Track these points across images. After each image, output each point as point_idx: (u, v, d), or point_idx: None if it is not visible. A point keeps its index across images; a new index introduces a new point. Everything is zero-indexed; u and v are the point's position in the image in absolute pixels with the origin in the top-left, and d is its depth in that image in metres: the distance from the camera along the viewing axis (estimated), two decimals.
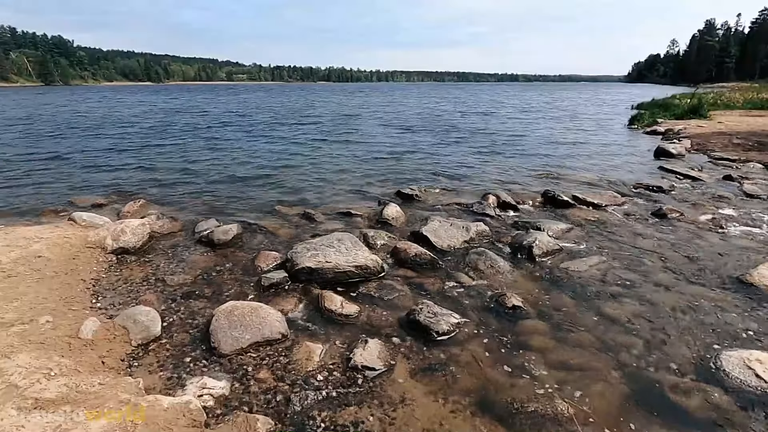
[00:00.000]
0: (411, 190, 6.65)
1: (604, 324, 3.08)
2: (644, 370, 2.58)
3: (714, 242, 4.72)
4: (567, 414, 2.17)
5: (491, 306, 3.32)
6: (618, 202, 6.16)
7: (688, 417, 2.24)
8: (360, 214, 5.63)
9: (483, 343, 2.84)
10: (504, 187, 6.99)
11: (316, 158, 9.80)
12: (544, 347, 2.79)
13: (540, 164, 9.29)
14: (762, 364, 2.56)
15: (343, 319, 3.12)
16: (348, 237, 4.28)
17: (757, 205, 6.18)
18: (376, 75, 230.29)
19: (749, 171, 8.38)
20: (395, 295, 3.50)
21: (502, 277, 3.82)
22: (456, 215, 5.64)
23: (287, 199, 6.43)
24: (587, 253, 4.37)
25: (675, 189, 7.00)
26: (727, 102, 21.45)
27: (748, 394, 2.39)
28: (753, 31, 78.41)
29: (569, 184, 7.46)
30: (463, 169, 8.68)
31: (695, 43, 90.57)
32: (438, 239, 4.58)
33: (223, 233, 4.63)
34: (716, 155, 9.87)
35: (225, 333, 2.77)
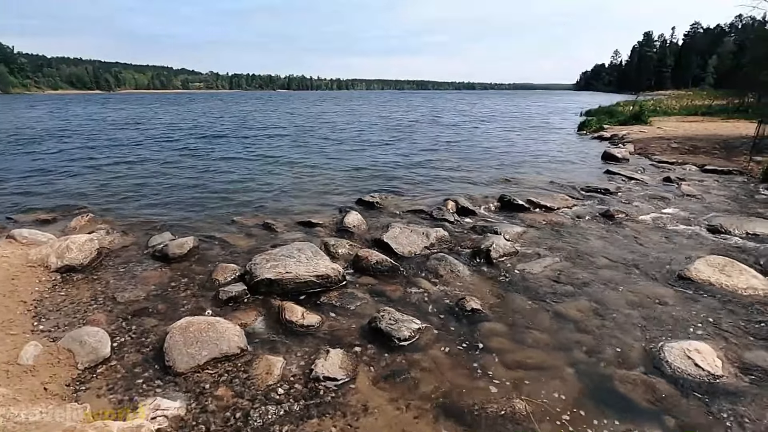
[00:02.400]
0: (372, 198, 6.68)
1: (558, 323, 3.21)
2: (595, 365, 2.71)
3: (656, 240, 5.03)
4: (525, 412, 2.24)
5: (451, 310, 3.38)
6: (569, 205, 6.45)
7: (636, 407, 2.36)
8: (321, 223, 5.60)
9: (444, 347, 2.89)
10: (463, 193, 7.16)
11: (276, 168, 9.66)
12: (503, 348, 2.87)
13: (497, 170, 9.58)
14: (700, 353, 2.75)
15: (305, 330, 3.09)
16: (308, 246, 4.24)
17: (693, 204, 6.65)
18: (336, 83, 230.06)
19: (686, 173, 9.00)
20: (357, 303, 3.50)
21: (462, 281, 3.90)
22: (416, 221, 5.72)
23: (246, 209, 6.29)
24: (542, 254, 4.54)
25: (621, 191, 7.41)
26: (665, 109, 23.02)
27: (688, 382, 2.55)
28: (686, 44, 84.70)
29: (524, 188, 7.74)
30: (423, 176, 8.81)
31: (636, 54, 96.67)
32: (399, 246, 4.62)
33: (178, 247, 4.47)
34: (656, 158, 10.55)
35: (180, 350, 2.67)
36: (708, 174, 8.92)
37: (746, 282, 3.77)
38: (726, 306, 3.45)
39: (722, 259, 4.13)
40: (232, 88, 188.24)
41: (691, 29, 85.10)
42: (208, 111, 32.28)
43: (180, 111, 32.23)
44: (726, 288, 3.71)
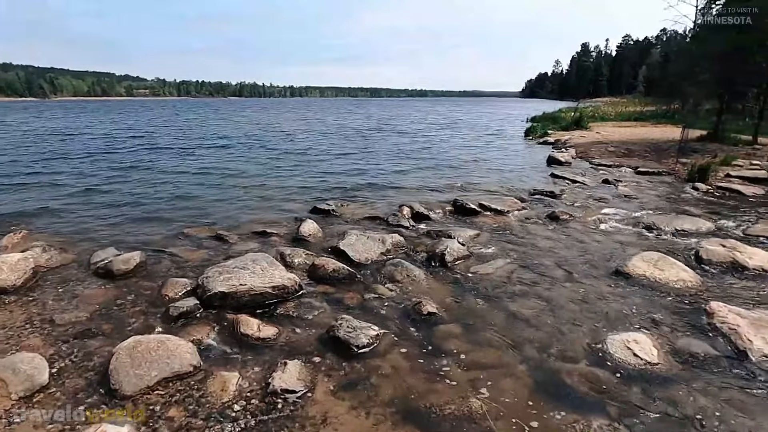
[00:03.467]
0: (327, 206, 6.65)
1: (510, 321, 3.34)
2: (545, 360, 2.85)
3: (598, 239, 5.36)
4: (481, 411, 2.31)
5: (409, 314, 3.43)
6: (518, 208, 6.73)
7: (583, 398, 2.50)
8: (276, 233, 5.50)
9: (402, 351, 2.93)
10: (417, 199, 7.28)
11: (227, 179, 9.38)
12: (459, 349, 2.96)
13: (449, 175, 9.83)
14: (638, 344, 2.96)
15: (261, 342, 3.02)
16: (263, 257, 4.17)
17: (629, 204, 7.15)
18: (289, 90, 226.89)
19: (622, 174, 9.66)
20: (315, 312, 3.48)
21: (418, 286, 3.97)
22: (373, 228, 5.76)
23: (197, 222, 6.07)
24: (493, 256, 4.71)
25: (565, 193, 7.83)
26: (603, 115, 24.60)
27: (628, 371, 2.74)
28: (618, 54, 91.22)
29: (476, 192, 7.99)
30: (378, 183, 8.88)
31: (575, 63, 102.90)
32: (355, 253, 4.64)
33: (124, 262, 4.24)
34: (596, 161, 11.25)
35: (127, 372, 2.53)
36: (641, 175, 9.62)
37: (676, 275, 4.09)
38: (660, 298, 3.73)
39: (655, 255, 4.46)
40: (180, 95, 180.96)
41: (623, 41, 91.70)
42: (153, 120, 30.88)
43: (123, 120, 30.62)
44: (659, 281, 4.01)
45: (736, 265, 4.36)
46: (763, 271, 4.27)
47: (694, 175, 8.85)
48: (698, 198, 7.69)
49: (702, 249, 4.65)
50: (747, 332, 3.06)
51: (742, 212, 6.69)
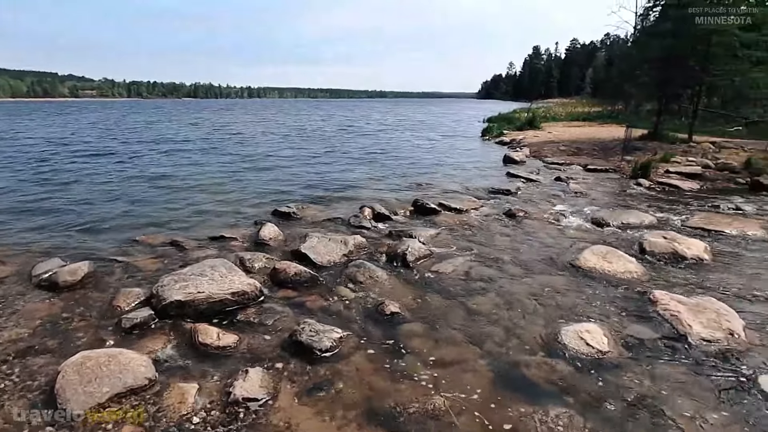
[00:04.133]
0: (288, 208, 6.56)
1: (470, 318, 3.42)
2: (504, 354, 2.94)
3: (551, 234, 5.59)
4: (444, 408, 2.36)
5: (372, 315, 3.44)
6: (477, 206, 6.91)
7: (540, 389, 2.60)
8: (235, 237, 5.37)
9: (366, 353, 2.93)
10: (379, 199, 7.32)
11: (182, 182, 9.05)
12: (422, 348, 3.00)
13: (410, 175, 9.94)
14: (590, 333, 3.11)
15: (221, 351, 2.94)
16: (222, 263, 4.05)
17: (580, 200, 7.51)
18: (247, 91, 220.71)
19: (573, 172, 10.13)
20: (276, 317, 3.42)
21: (381, 286, 3.99)
22: (334, 230, 5.73)
23: (151, 229, 5.81)
24: (453, 254, 4.81)
25: (520, 191, 8.12)
26: (554, 115, 25.66)
27: (582, 360, 2.87)
28: (567, 57, 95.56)
29: (436, 192, 8.13)
30: (339, 184, 8.85)
31: (527, 66, 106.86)
32: (317, 255, 4.60)
33: (70, 273, 4.00)
34: (549, 160, 11.74)
35: (75, 390, 2.39)
36: (590, 173, 10.13)
37: (623, 266, 4.34)
38: (609, 289, 3.94)
39: (604, 248, 4.71)
40: (130, 96, 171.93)
41: (571, 45, 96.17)
42: (99, 122, 29.27)
43: (66, 122, 28.83)
44: (608, 273, 4.24)
45: (676, 255, 4.68)
46: (700, 260, 4.61)
47: (637, 171, 9.42)
48: (642, 193, 8.19)
49: (645, 241, 4.95)
50: (687, 318, 3.29)
51: (680, 206, 7.19)
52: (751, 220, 6.19)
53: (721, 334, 3.11)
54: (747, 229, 5.66)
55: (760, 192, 8.23)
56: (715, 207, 7.10)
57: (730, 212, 6.80)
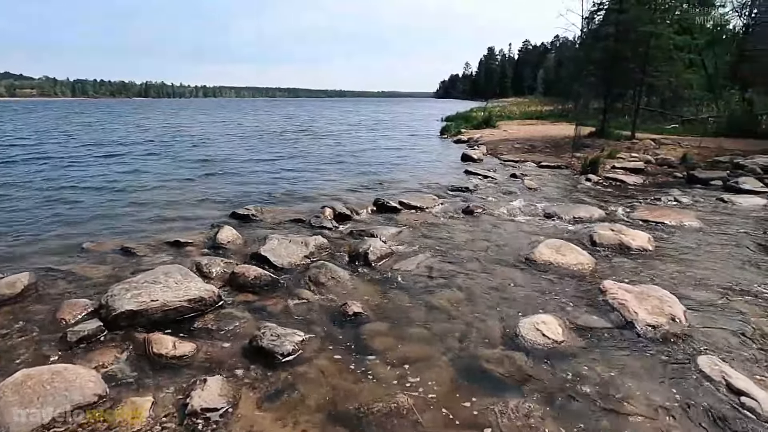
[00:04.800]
0: (246, 210, 6.40)
1: (432, 315, 3.47)
2: (466, 349, 3.00)
3: (509, 229, 5.77)
4: (408, 406, 2.38)
5: (334, 317, 3.42)
6: (436, 204, 7.02)
7: (500, 381, 2.67)
8: (191, 242, 5.17)
9: (329, 355, 2.91)
10: (339, 199, 7.28)
11: (133, 185, 8.61)
12: (385, 347, 3.01)
13: (371, 174, 9.96)
14: (546, 324, 3.23)
15: (177, 361, 2.83)
16: (177, 269, 3.90)
17: (534, 196, 7.79)
18: (202, 90, 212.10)
19: (527, 169, 10.49)
20: (236, 323, 3.33)
21: (343, 287, 3.98)
22: (295, 231, 5.65)
23: (99, 235, 5.49)
24: (415, 252, 4.86)
25: (478, 188, 8.32)
26: (509, 114, 26.45)
27: (539, 351, 2.98)
28: (520, 58, 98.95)
29: (397, 190, 8.18)
30: (298, 185, 8.73)
31: (482, 66, 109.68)
32: (278, 258, 4.52)
33: (8, 286, 3.72)
34: (504, 158, 12.10)
35: (15, 412, 2.22)
36: (543, 169, 10.54)
37: (576, 259, 4.54)
38: (563, 281, 4.11)
39: (558, 242, 4.91)
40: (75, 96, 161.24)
41: (523, 46, 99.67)
42: (38, 123, 27.35)
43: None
44: (562, 265, 4.42)
45: (623, 246, 4.95)
46: (644, 250, 4.90)
47: (586, 167, 9.89)
48: (591, 188, 8.60)
49: (595, 234, 5.21)
50: (633, 305, 3.48)
51: (625, 199, 7.61)
52: (687, 211, 6.64)
53: (664, 319, 3.32)
54: (684, 220, 6.07)
55: (694, 185, 8.86)
56: (657, 200, 7.57)
57: (670, 204, 7.28)
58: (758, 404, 2.39)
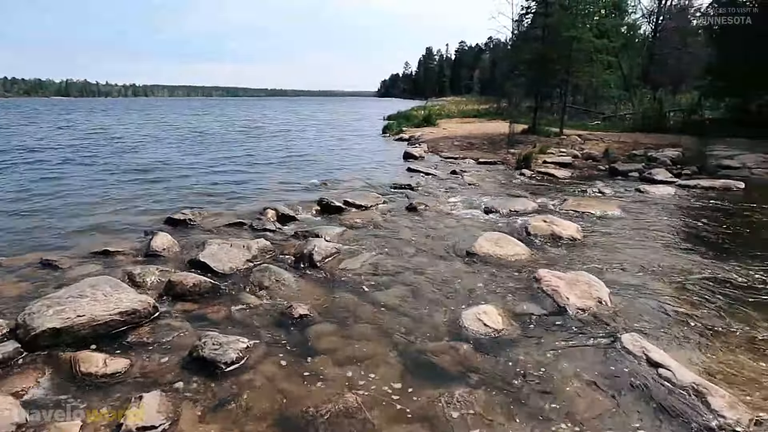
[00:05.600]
0: (183, 215, 6.08)
1: (380, 312, 3.51)
2: (413, 343, 3.07)
3: (451, 224, 5.96)
4: (356, 404, 2.38)
5: (280, 320, 3.36)
6: (380, 202, 7.09)
7: (447, 372, 2.76)
8: (121, 251, 4.84)
9: (276, 360, 2.85)
10: (282, 201, 7.14)
11: (55, 193, 7.88)
12: (333, 347, 3.00)
13: (314, 174, 9.85)
14: (487, 314, 3.37)
15: (109, 379, 2.64)
16: (106, 280, 3.64)
17: (474, 191, 8.10)
18: (131, 89, 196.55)
19: (466, 166, 10.89)
20: (174, 334, 3.16)
21: (288, 289, 3.91)
22: (236, 235, 5.47)
23: (15, 247, 4.99)
24: (360, 251, 4.88)
25: (420, 185, 8.50)
26: (448, 113, 27.19)
27: (481, 340, 3.11)
28: (457, 58, 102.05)
29: (341, 190, 8.17)
30: (239, 187, 8.45)
31: (422, 65, 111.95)
32: (218, 263, 4.35)
33: None
34: (445, 155, 12.46)
35: None
36: (481, 165, 10.98)
37: (513, 250, 4.78)
38: (501, 272, 4.31)
39: (496, 234, 5.14)
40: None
41: (460, 46, 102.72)
42: None
43: None
44: (500, 257, 4.64)
45: (554, 236, 5.28)
46: (573, 239, 5.26)
47: (521, 163, 10.44)
48: (525, 182, 9.09)
49: (530, 225, 5.51)
50: (565, 291, 3.73)
51: (556, 192, 8.13)
52: (610, 201, 7.22)
53: (592, 303, 3.59)
54: (608, 210, 6.59)
55: (616, 177, 9.66)
56: (583, 191, 8.16)
57: (595, 195, 7.88)
58: (672, 374, 2.65)
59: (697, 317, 3.42)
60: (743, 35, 12.45)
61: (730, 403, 2.37)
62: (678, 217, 6.50)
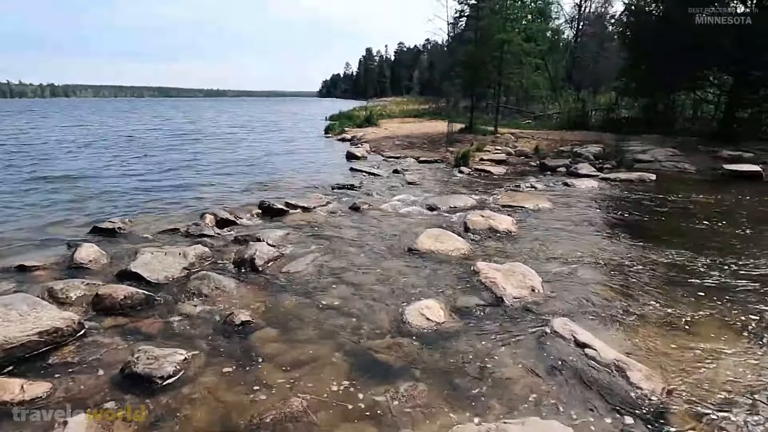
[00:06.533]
0: (112, 224, 5.68)
1: (324, 313, 3.50)
2: (358, 342, 3.09)
3: (393, 223, 6.05)
4: (302, 408, 2.36)
5: (221, 328, 3.25)
6: (323, 203, 7.04)
7: (392, 368, 2.81)
8: (40, 266, 4.43)
9: (217, 370, 2.75)
10: (222, 205, 6.89)
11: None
12: (277, 352, 2.95)
13: (255, 176, 9.59)
14: (429, 309, 3.47)
15: (29, 406, 2.41)
16: (22, 298, 3.32)
17: (415, 189, 8.27)
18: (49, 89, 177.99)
19: (408, 164, 11.10)
20: (103, 351, 2.96)
21: (229, 296, 3.79)
22: (171, 242, 5.21)
23: None
24: (303, 253, 4.83)
25: (363, 185, 8.56)
26: (389, 113, 27.51)
27: (424, 334, 3.20)
28: (396, 59, 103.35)
29: (283, 192, 8.03)
30: (174, 193, 8.02)
31: (362, 66, 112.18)
32: (152, 273, 4.12)
33: None
34: (387, 154, 12.61)
35: None
36: (422, 164, 11.25)
37: (453, 245, 4.95)
38: (443, 267, 4.45)
39: (437, 231, 5.29)
40: None
41: (398, 47, 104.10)
42: None
43: None
44: (441, 252, 4.79)
45: (491, 230, 5.53)
46: (509, 232, 5.54)
47: (459, 161, 10.81)
48: (463, 179, 9.43)
49: (468, 221, 5.74)
50: (501, 282, 3.92)
51: (493, 188, 8.51)
52: (542, 195, 7.69)
53: (526, 292, 3.82)
54: (539, 203, 7.01)
55: (546, 172, 10.29)
56: (517, 187, 8.62)
57: (528, 190, 8.34)
58: (597, 353, 2.88)
59: (620, 299, 3.75)
60: (650, 40, 13.74)
61: (647, 376, 2.63)
62: (601, 208, 7.05)
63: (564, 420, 2.31)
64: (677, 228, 5.91)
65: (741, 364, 2.82)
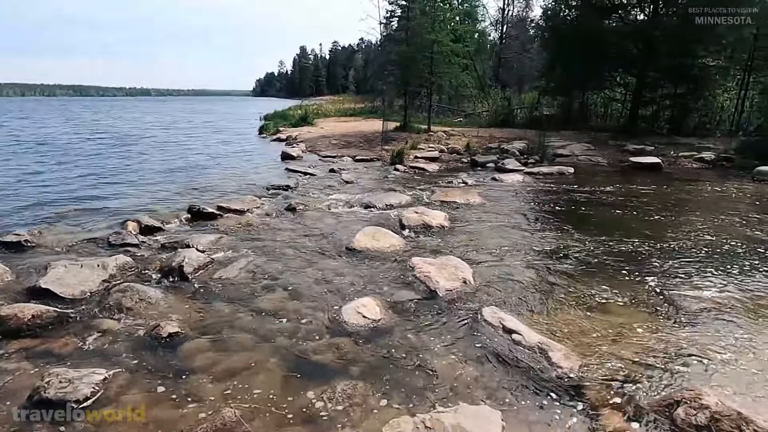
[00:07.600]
0: (17, 236, 5.12)
1: (259, 319, 3.42)
2: (294, 345, 3.05)
3: (330, 223, 6.03)
4: (235, 418, 2.29)
5: (146, 343, 3.06)
6: (258, 205, 6.83)
7: (329, 368, 2.81)
8: None
9: (141, 386, 2.59)
10: (147, 210, 6.47)
11: None
12: (209, 363, 2.84)
13: (183, 180, 9.10)
14: (366, 307, 3.51)
15: None
16: None
17: (352, 188, 8.29)
18: None
19: (344, 164, 11.09)
20: (8, 379, 2.67)
21: (155, 308, 3.57)
22: (89, 253, 4.82)
23: None
24: (237, 257, 4.67)
25: (299, 185, 8.43)
26: (325, 112, 27.23)
27: (361, 332, 3.23)
28: (332, 57, 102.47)
29: (214, 195, 7.70)
30: (94, 201, 7.37)
31: (297, 64, 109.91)
32: (65, 288, 3.79)
33: None
34: (323, 154, 12.51)
35: None
36: (358, 162, 11.29)
37: (389, 243, 5.03)
38: (379, 264, 4.52)
39: (373, 229, 5.35)
40: None
41: (333, 46, 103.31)
42: None
43: None
44: (378, 250, 4.85)
45: (425, 225, 5.69)
46: (442, 227, 5.73)
47: (394, 159, 10.98)
48: (399, 177, 9.60)
49: (403, 217, 5.86)
50: (435, 276, 4.06)
51: (426, 184, 8.74)
52: (472, 190, 8.03)
53: (458, 284, 3.98)
54: (470, 198, 7.31)
55: (476, 168, 10.76)
56: (450, 183, 8.93)
57: (459, 186, 8.67)
58: (522, 337, 3.08)
59: (544, 286, 4.02)
60: (565, 43, 14.82)
61: (566, 355, 2.86)
62: (526, 200, 7.51)
63: (493, 404, 2.45)
64: (593, 216, 6.45)
65: (646, 336, 3.15)
